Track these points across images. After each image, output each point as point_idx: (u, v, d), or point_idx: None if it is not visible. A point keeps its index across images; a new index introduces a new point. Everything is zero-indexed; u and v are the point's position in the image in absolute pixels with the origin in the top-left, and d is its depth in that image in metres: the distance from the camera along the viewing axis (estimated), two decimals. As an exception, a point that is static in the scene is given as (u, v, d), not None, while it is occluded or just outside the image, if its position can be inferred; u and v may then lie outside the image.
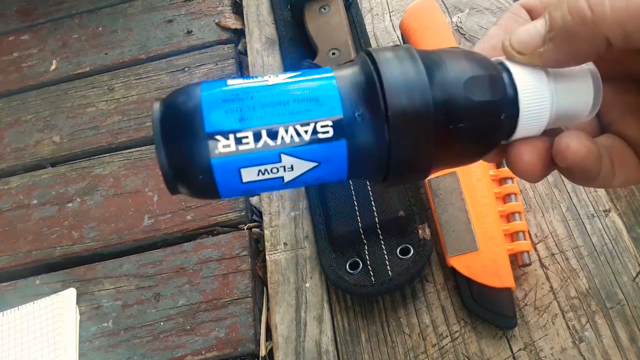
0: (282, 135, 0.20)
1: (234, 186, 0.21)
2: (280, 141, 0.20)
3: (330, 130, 0.20)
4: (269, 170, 0.21)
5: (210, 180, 0.20)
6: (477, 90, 0.21)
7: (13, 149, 0.61)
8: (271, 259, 0.47)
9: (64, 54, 0.68)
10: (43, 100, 0.64)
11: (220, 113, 0.20)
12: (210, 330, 0.45)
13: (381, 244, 0.43)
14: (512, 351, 0.39)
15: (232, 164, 0.20)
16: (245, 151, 0.20)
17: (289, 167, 0.21)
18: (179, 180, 0.21)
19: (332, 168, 0.21)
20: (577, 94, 0.21)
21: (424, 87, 0.20)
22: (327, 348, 0.42)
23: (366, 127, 0.20)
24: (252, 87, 0.21)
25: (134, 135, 0.58)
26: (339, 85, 0.21)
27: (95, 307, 0.48)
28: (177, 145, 0.20)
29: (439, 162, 0.22)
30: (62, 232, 0.53)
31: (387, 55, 0.21)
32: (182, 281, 0.47)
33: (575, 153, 0.21)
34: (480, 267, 0.40)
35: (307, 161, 0.21)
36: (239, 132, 0.20)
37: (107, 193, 0.55)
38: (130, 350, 0.45)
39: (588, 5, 0.19)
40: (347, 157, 0.21)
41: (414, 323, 0.41)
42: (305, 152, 0.20)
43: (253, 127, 0.20)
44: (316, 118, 0.20)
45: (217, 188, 0.21)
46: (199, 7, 0.69)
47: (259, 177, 0.21)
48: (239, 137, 0.20)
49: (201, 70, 0.62)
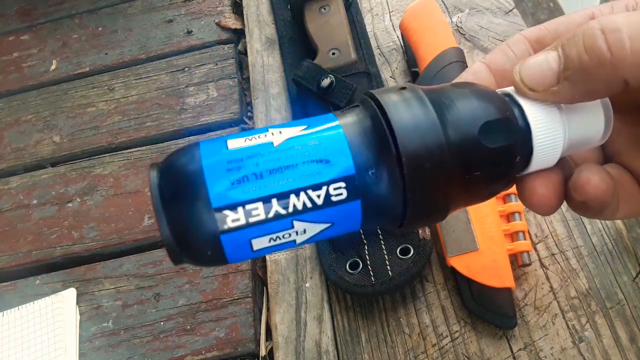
0: (294, 203, 0.19)
1: (243, 255, 0.20)
2: (292, 208, 0.19)
3: (343, 192, 0.19)
4: (281, 237, 0.20)
5: (219, 253, 0.19)
6: (493, 136, 0.20)
7: (13, 149, 0.61)
8: (271, 258, 0.47)
9: (64, 54, 0.68)
10: (43, 100, 0.64)
11: (226, 184, 0.19)
12: (211, 330, 0.45)
13: (381, 244, 0.43)
14: (512, 351, 0.39)
15: (243, 236, 0.19)
16: (255, 223, 0.19)
17: (301, 231, 0.20)
18: (184, 253, 0.20)
19: (345, 226, 0.20)
20: (589, 124, 0.21)
21: (437, 133, 0.19)
22: (327, 348, 0.42)
23: (380, 182, 0.19)
24: (256, 151, 0.19)
25: (134, 135, 0.59)
26: (348, 139, 0.19)
27: (96, 307, 0.48)
28: (181, 219, 0.19)
29: (455, 206, 0.21)
30: (62, 232, 0.53)
31: (394, 98, 0.20)
32: (182, 281, 0.47)
33: (596, 188, 0.20)
34: (480, 267, 0.40)
35: (320, 224, 0.20)
36: (247, 204, 0.19)
37: (107, 193, 0.55)
38: (130, 350, 0.45)
39: (607, 46, 0.18)
40: (362, 213, 0.20)
41: (414, 323, 0.41)
42: (319, 216, 0.19)
43: (262, 197, 0.19)
44: (328, 180, 0.19)
45: (225, 259, 0.20)
46: (198, 7, 0.69)
47: (270, 243, 0.20)
48: (248, 210, 0.19)
49: (201, 70, 0.62)
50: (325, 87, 0.50)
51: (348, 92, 0.50)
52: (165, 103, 0.60)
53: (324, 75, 0.50)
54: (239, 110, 0.58)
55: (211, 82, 0.61)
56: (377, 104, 0.20)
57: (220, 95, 0.60)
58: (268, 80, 0.59)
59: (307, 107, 0.53)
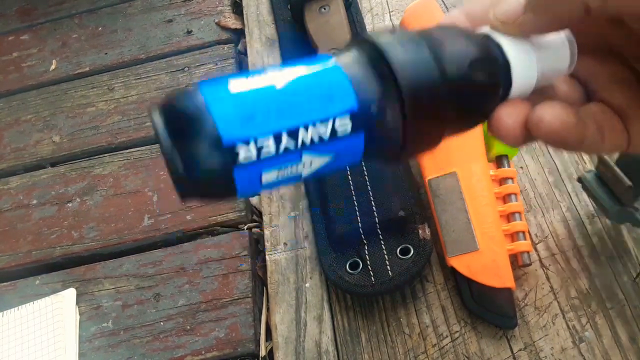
0: (302, 137, 0.20)
1: (253, 189, 0.21)
2: (301, 142, 0.20)
3: (348, 125, 0.20)
4: (289, 170, 0.21)
5: (230, 187, 0.20)
6: (481, 72, 0.22)
7: (13, 149, 0.61)
8: (271, 259, 0.47)
9: (64, 54, 0.68)
10: (43, 100, 0.64)
11: (235, 122, 0.19)
12: (210, 330, 0.45)
13: (381, 244, 0.43)
14: (512, 351, 0.39)
15: (254, 170, 0.20)
16: (266, 157, 0.20)
17: (308, 164, 0.21)
18: (194, 190, 0.20)
19: (349, 157, 0.22)
20: (556, 56, 0.23)
21: (432, 68, 0.21)
22: (327, 348, 0.42)
23: (381, 114, 0.21)
24: (261, 92, 0.20)
25: (133, 135, 0.58)
26: (350, 76, 0.21)
27: (95, 307, 0.48)
28: (193, 157, 0.19)
29: (447, 132, 0.23)
30: (61, 232, 0.53)
31: (388, 38, 0.21)
32: (182, 281, 0.47)
33: (548, 125, 0.21)
34: (480, 267, 0.40)
35: (325, 156, 0.21)
36: (259, 139, 0.19)
37: (106, 193, 0.55)
38: (130, 350, 0.45)
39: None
40: (364, 144, 0.21)
41: (414, 323, 0.41)
42: (325, 149, 0.21)
43: (273, 132, 0.20)
44: (334, 114, 0.20)
45: (236, 193, 0.20)
46: (198, 7, 0.69)
47: (278, 177, 0.21)
48: (259, 145, 0.19)
49: (201, 70, 0.62)
50: (325, 87, 0.50)
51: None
52: (165, 103, 0.60)
53: (324, 75, 0.50)
54: (239, 110, 0.58)
55: (211, 82, 0.61)
56: (372, 44, 0.21)
57: (220, 95, 0.59)
58: (268, 80, 0.59)
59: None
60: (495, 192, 0.42)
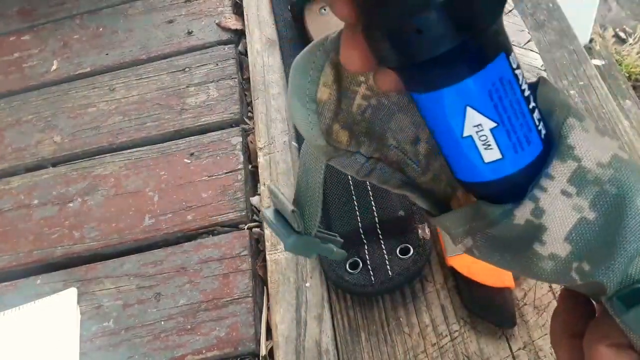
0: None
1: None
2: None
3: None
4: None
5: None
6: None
7: (14, 149, 0.61)
8: (271, 258, 0.47)
9: (65, 55, 0.68)
10: (44, 100, 0.64)
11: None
12: (211, 329, 0.45)
13: (381, 243, 0.43)
14: (512, 350, 0.39)
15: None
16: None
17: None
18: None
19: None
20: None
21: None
22: (327, 347, 0.42)
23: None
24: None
25: (134, 136, 0.59)
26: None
27: (96, 306, 0.48)
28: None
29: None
30: (63, 232, 0.53)
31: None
32: (182, 281, 0.48)
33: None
34: (479, 267, 0.40)
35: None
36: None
37: (107, 193, 0.55)
38: (131, 350, 0.45)
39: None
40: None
41: (414, 322, 0.42)
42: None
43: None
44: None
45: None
46: (199, 7, 0.69)
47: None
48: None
49: (202, 70, 0.62)
50: (326, 87, 0.50)
51: (348, 92, 0.50)
52: (165, 103, 0.60)
53: (324, 76, 0.50)
54: (239, 110, 0.58)
55: (212, 82, 0.61)
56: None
57: (221, 96, 0.60)
58: (268, 80, 0.59)
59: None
60: (495, 192, 0.42)
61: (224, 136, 0.56)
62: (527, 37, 0.55)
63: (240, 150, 0.55)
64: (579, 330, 0.25)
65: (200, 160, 0.55)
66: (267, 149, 0.54)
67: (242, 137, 0.56)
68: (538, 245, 0.22)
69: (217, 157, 0.55)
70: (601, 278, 0.21)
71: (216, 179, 0.53)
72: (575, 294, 0.26)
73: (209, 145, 0.56)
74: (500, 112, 0.20)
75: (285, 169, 0.52)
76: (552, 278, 0.22)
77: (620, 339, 0.21)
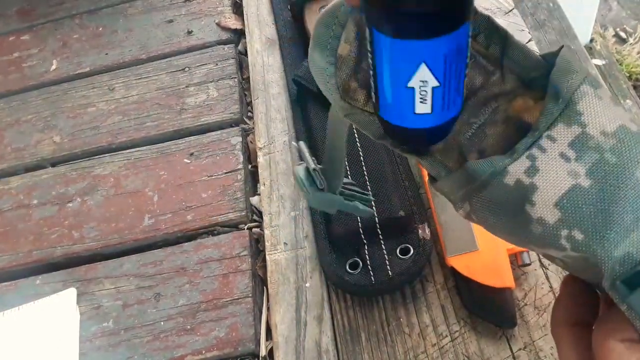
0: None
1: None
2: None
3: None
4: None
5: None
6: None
7: (13, 149, 0.61)
8: (271, 258, 0.47)
9: (64, 54, 0.68)
10: (43, 100, 0.64)
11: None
12: (211, 330, 0.45)
13: (381, 243, 0.43)
14: (512, 351, 0.39)
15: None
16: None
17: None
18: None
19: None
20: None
21: None
22: (327, 348, 0.42)
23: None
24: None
25: (134, 135, 0.59)
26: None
27: (96, 306, 0.48)
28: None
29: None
30: (62, 232, 0.53)
31: None
32: (182, 281, 0.48)
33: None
34: (480, 267, 0.40)
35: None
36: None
37: (107, 193, 0.55)
38: (131, 350, 0.45)
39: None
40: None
41: (414, 323, 0.41)
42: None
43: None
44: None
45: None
46: (199, 7, 0.69)
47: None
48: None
49: (201, 70, 0.62)
50: (326, 87, 0.50)
51: (348, 92, 0.50)
52: (165, 103, 0.60)
53: (324, 76, 0.50)
54: (239, 110, 0.58)
55: (211, 82, 0.61)
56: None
57: (221, 95, 0.60)
58: (268, 80, 0.59)
59: (308, 108, 0.53)
60: (495, 192, 0.42)
61: (224, 136, 0.56)
62: (527, 36, 0.55)
63: (240, 150, 0.55)
64: (580, 318, 0.24)
65: (200, 160, 0.55)
66: (267, 148, 0.54)
67: (242, 137, 0.56)
68: (529, 206, 0.22)
69: (216, 157, 0.55)
70: (595, 248, 0.21)
71: (216, 179, 0.53)
72: (578, 281, 0.25)
73: (209, 145, 0.56)
74: (446, 75, 0.22)
75: (285, 168, 0.52)
76: (540, 243, 0.22)
77: (632, 333, 0.21)
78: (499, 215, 0.23)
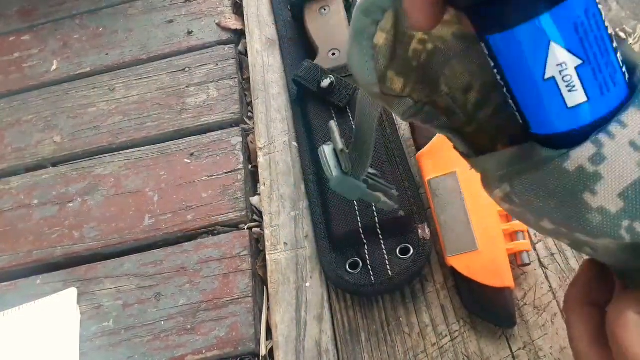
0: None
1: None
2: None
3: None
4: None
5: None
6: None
7: (14, 149, 0.61)
8: (271, 258, 0.47)
9: (65, 55, 0.68)
10: (44, 100, 0.64)
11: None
12: (211, 329, 0.45)
13: (381, 243, 0.43)
14: (512, 350, 0.39)
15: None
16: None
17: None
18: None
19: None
20: None
21: None
22: (327, 347, 0.42)
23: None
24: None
25: (134, 136, 0.59)
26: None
27: (96, 306, 0.48)
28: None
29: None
30: (63, 232, 0.53)
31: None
32: (182, 281, 0.48)
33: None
34: (479, 267, 0.40)
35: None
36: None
37: (107, 193, 0.55)
38: (131, 350, 0.45)
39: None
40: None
41: (414, 322, 0.42)
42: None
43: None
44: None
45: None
46: (199, 7, 0.69)
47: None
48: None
49: (202, 70, 0.62)
50: (326, 87, 0.50)
51: (348, 92, 0.50)
52: (165, 103, 0.60)
53: (324, 76, 0.51)
54: (240, 110, 0.58)
55: (212, 82, 0.61)
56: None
57: (221, 96, 0.60)
58: (268, 80, 0.59)
59: (308, 108, 0.53)
60: (495, 192, 0.42)
61: (224, 136, 0.56)
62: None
63: (240, 150, 0.55)
64: (595, 299, 0.25)
65: (200, 160, 0.55)
66: (267, 149, 0.54)
67: (242, 137, 0.56)
68: (588, 195, 0.20)
69: (217, 157, 0.55)
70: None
71: (216, 179, 0.53)
72: (599, 264, 0.25)
73: (209, 145, 0.56)
74: (586, 48, 0.18)
75: (285, 169, 0.52)
76: (597, 232, 0.21)
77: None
78: (547, 200, 0.21)
